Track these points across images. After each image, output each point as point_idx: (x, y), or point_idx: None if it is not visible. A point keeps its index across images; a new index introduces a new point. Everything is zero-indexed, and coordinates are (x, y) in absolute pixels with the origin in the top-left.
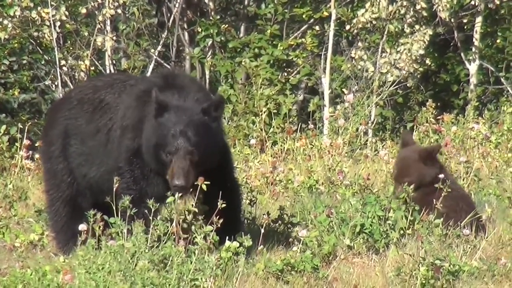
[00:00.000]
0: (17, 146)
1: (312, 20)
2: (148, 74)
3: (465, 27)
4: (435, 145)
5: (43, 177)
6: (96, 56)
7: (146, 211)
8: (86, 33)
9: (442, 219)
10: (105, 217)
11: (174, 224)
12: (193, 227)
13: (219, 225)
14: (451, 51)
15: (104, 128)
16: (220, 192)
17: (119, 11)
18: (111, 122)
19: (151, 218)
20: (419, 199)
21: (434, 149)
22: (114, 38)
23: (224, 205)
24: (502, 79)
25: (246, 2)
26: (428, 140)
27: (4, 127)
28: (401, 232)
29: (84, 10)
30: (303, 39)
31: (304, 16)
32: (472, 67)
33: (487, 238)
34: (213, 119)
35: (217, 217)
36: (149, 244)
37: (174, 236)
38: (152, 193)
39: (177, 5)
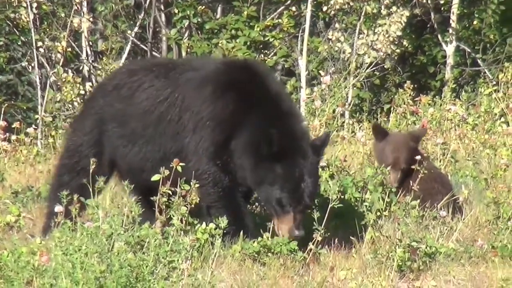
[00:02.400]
0: None
1: (289, 1)
2: (125, 55)
3: (442, 9)
4: (422, 129)
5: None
6: (73, 38)
7: (236, 203)
8: (62, 15)
9: (418, 201)
10: (82, 198)
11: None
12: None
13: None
14: (428, 33)
15: (150, 110)
16: None
17: None
18: (161, 106)
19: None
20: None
21: (422, 133)
22: (91, 19)
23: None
24: (479, 61)
25: None
26: (405, 121)
27: None
28: (378, 214)
29: None
30: (279, 20)
31: None
32: (449, 49)
33: (463, 219)
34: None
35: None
36: (125, 226)
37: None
38: (239, 183)
39: None
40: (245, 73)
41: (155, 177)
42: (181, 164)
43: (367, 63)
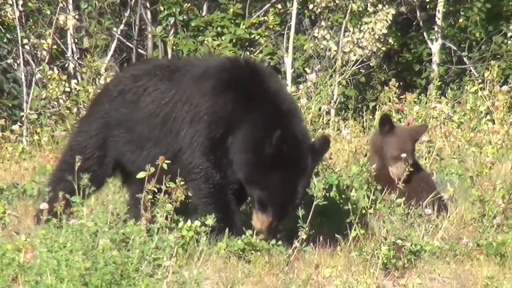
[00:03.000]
0: None
1: None
2: (110, 53)
3: (428, 6)
4: (423, 126)
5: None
6: (58, 35)
7: (226, 200)
8: (48, 12)
9: (403, 198)
10: (67, 195)
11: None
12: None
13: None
14: (414, 31)
15: (155, 113)
16: None
17: None
18: (166, 108)
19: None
20: (383, 178)
21: (422, 130)
22: (77, 17)
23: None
24: (465, 59)
25: None
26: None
27: None
28: (363, 211)
29: None
30: (265, 18)
31: None
32: (435, 47)
33: (449, 217)
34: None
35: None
36: (110, 223)
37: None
38: (231, 181)
39: None
40: (246, 71)
41: (140, 175)
42: (167, 161)
43: (352, 60)
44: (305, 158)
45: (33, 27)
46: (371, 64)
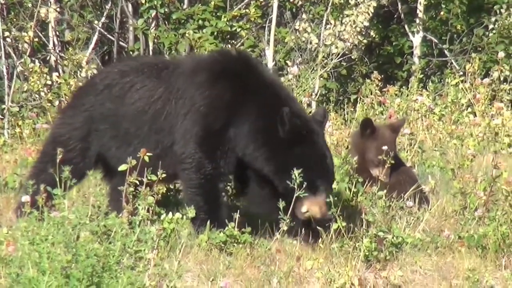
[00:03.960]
0: None
1: None
2: (92, 46)
3: None
4: (401, 120)
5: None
6: (40, 28)
7: (215, 193)
8: (29, 5)
9: (385, 191)
10: (49, 188)
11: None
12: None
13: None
14: (395, 23)
15: (143, 110)
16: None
17: None
18: (155, 105)
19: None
20: (364, 171)
21: (401, 124)
22: (58, 9)
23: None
24: (446, 51)
25: None
26: (372, 112)
27: None
28: (345, 204)
29: None
30: (247, 10)
31: None
32: (416, 39)
33: (430, 210)
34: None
35: None
36: (92, 215)
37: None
38: (223, 173)
39: None
40: (239, 61)
41: (122, 167)
42: (148, 154)
43: (334, 53)
44: (315, 126)
45: (14, 19)
46: (352, 56)
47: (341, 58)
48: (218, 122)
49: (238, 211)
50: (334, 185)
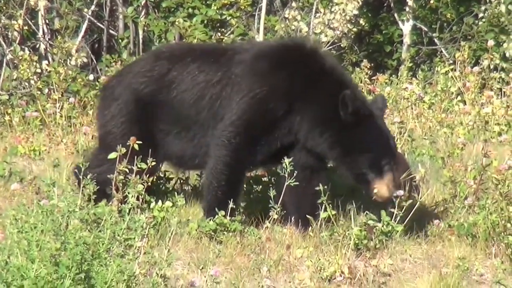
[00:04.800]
0: None
1: None
2: (81, 34)
3: None
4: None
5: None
6: (30, 16)
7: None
8: None
9: None
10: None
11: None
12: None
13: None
14: (385, 12)
15: (202, 95)
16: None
17: None
18: (213, 89)
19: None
20: None
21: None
22: None
23: None
24: (436, 40)
25: None
26: None
27: None
28: (334, 192)
29: None
30: None
31: None
32: (406, 28)
33: (420, 198)
34: None
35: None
36: (81, 204)
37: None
38: (255, 161)
39: None
40: (299, 50)
41: (112, 155)
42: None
43: (323, 42)
44: (373, 109)
45: (4, 8)
46: (342, 45)
47: (331, 47)
48: (274, 110)
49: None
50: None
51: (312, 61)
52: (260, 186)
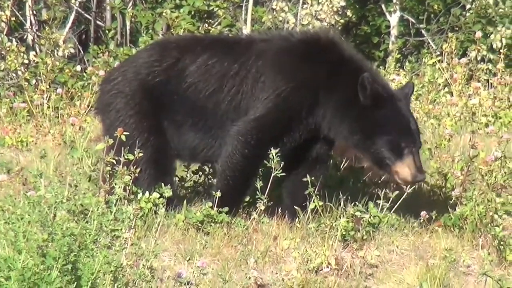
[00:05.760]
0: None
1: None
2: (69, 25)
3: None
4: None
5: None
6: (17, 7)
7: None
8: None
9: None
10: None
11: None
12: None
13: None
14: (372, 3)
15: (220, 86)
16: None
17: None
18: (234, 81)
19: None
20: (344, 150)
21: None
22: None
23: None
24: (423, 31)
25: None
26: None
27: None
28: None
29: None
30: None
31: None
32: (393, 19)
33: (408, 189)
34: None
35: None
36: (68, 194)
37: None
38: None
39: None
40: (320, 43)
41: (99, 146)
42: (124, 133)
43: None
44: (396, 93)
45: None
46: None
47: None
48: (300, 107)
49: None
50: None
51: (332, 53)
52: None
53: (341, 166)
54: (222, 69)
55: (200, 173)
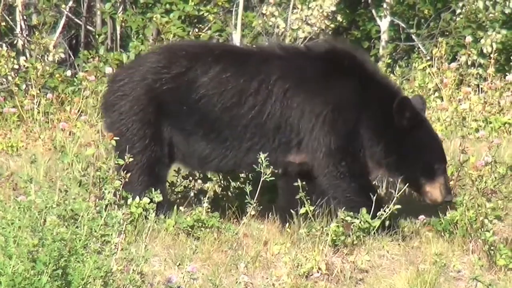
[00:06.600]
0: None
1: None
2: (59, 30)
3: None
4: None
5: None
6: (7, 12)
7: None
8: None
9: None
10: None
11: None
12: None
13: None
14: (362, 8)
15: (238, 102)
16: None
17: None
18: (253, 100)
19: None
20: None
21: None
22: None
23: None
24: (413, 36)
25: None
26: None
27: None
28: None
29: None
30: None
31: None
32: (383, 24)
33: (397, 194)
34: None
35: None
36: (59, 200)
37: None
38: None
39: None
40: (352, 59)
41: (89, 151)
42: (114, 138)
43: (301, 38)
44: (422, 113)
45: None
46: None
47: (308, 43)
48: (347, 125)
49: (207, 196)
50: None
51: (365, 70)
52: (238, 183)
53: None
54: (238, 85)
55: (191, 178)
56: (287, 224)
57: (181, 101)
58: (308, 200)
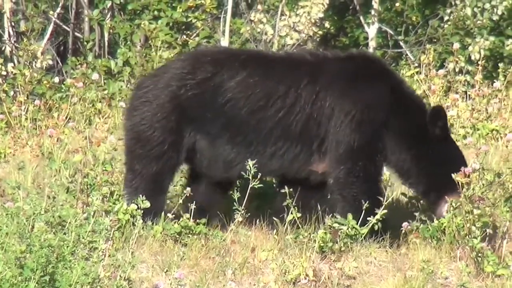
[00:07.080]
0: None
1: None
2: (47, 36)
3: None
4: None
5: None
6: None
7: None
8: None
9: None
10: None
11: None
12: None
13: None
14: (350, 14)
15: (265, 105)
16: None
17: None
18: (281, 103)
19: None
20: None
21: None
22: (13, 0)
23: None
24: (401, 43)
25: None
26: None
27: None
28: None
29: None
30: (202, 1)
31: None
32: (371, 30)
33: (385, 201)
34: None
35: None
36: (46, 206)
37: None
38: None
39: None
40: (379, 64)
41: (77, 158)
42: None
43: (289, 44)
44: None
45: None
46: (307, 48)
47: (296, 49)
48: (374, 126)
49: (194, 202)
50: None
51: (394, 77)
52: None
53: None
54: (266, 88)
55: (180, 183)
56: (274, 231)
57: (207, 106)
58: (295, 207)
